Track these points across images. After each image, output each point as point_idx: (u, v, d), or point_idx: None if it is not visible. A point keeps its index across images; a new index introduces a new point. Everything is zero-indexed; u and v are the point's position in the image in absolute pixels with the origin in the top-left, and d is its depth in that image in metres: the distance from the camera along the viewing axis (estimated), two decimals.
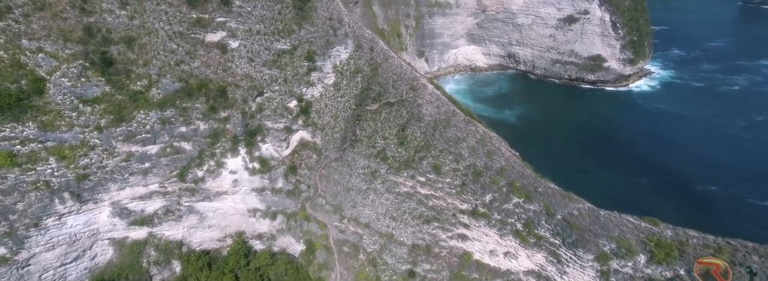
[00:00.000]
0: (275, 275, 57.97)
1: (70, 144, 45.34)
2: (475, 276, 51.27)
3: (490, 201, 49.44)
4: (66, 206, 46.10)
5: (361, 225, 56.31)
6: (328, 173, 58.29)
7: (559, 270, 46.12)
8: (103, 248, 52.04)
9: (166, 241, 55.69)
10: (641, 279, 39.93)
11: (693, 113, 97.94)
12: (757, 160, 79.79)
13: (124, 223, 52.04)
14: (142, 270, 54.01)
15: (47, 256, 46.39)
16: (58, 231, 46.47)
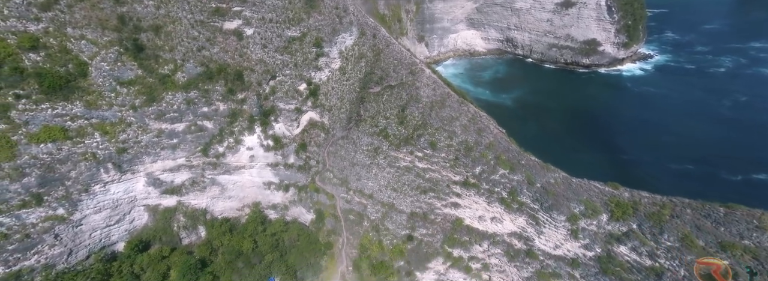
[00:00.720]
0: (289, 240, 66.48)
1: (110, 121, 52.54)
2: (465, 238, 59.71)
3: (479, 173, 57.17)
4: (109, 175, 53.94)
5: (365, 196, 64.23)
6: (335, 150, 65.65)
7: (537, 230, 54.48)
8: (140, 213, 60.42)
9: (193, 209, 64.01)
10: (603, 235, 48.25)
11: (680, 95, 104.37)
12: (735, 139, 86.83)
13: (157, 192, 60.18)
14: (173, 234, 62.62)
15: (95, 218, 54.74)
16: (103, 196, 54.55)
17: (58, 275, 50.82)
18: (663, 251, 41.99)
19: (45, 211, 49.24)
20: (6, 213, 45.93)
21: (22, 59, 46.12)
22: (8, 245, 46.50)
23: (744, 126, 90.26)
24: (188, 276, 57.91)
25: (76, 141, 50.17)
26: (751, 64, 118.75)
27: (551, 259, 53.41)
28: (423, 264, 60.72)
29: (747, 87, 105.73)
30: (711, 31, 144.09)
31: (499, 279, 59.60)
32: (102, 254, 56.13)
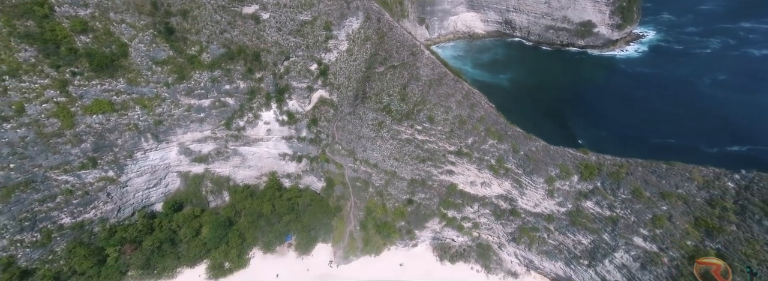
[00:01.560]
0: (303, 204, 76.56)
1: (148, 96, 61.33)
2: (458, 201, 69.66)
3: (471, 143, 66.32)
4: (148, 143, 63.38)
5: (371, 165, 73.69)
6: (343, 125, 74.49)
7: (520, 192, 64.32)
8: (173, 178, 70.35)
9: (218, 176, 73.90)
10: (574, 193, 58.04)
11: (667, 75, 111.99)
12: (713, 114, 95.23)
13: (188, 160, 69.83)
14: (201, 197, 72.81)
15: (138, 181, 64.70)
16: (144, 162, 64.23)
17: (112, 227, 61.35)
18: (619, 202, 51.84)
19: (99, 172, 59.02)
20: (70, 172, 55.69)
21: (75, 41, 54.35)
22: (73, 199, 56.58)
23: (721, 103, 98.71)
24: (218, 232, 68.56)
25: (121, 113, 59.22)
26: (739, 45, 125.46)
27: (531, 216, 63.59)
28: (421, 224, 71.14)
29: (729, 67, 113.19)
30: (705, 11, 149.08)
31: (487, 235, 70.25)
32: (144, 212, 66.56)
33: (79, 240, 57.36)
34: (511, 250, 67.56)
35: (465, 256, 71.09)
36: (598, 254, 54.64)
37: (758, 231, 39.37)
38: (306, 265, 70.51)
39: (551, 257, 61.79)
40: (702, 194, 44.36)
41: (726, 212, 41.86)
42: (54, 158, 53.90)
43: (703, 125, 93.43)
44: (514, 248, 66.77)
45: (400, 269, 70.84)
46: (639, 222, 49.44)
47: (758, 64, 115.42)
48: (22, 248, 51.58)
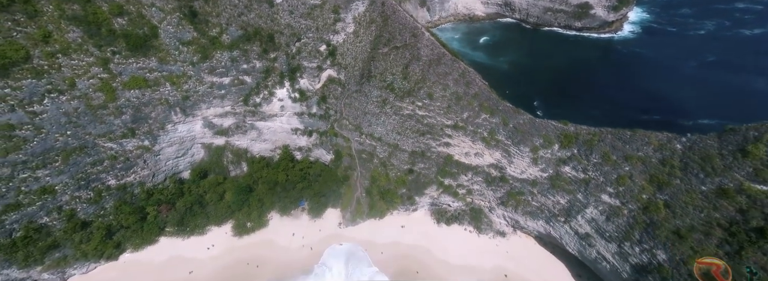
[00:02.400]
0: (314, 174, 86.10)
1: (176, 74, 69.63)
2: (454, 170, 79.11)
3: (466, 117, 74.98)
4: (177, 117, 72.32)
5: (375, 139, 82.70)
6: (349, 102, 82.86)
7: (509, 161, 73.60)
8: (198, 149, 79.73)
9: (237, 148, 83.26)
10: (554, 160, 67.26)
11: (658, 57, 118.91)
12: (694, 93, 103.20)
13: (211, 133, 78.98)
14: (223, 167, 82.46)
15: (168, 150, 74.15)
16: (173, 134, 73.41)
17: (149, 190, 71.34)
18: (591, 166, 61.15)
19: (137, 141, 68.35)
20: (113, 140, 65.02)
21: (113, 23, 62.20)
22: (117, 164, 66.22)
23: (702, 83, 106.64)
24: (240, 196, 78.67)
25: (154, 89, 67.83)
26: (733, 26, 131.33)
27: (518, 182, 73.20)
28: (421, 191, 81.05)
29: (719, 48, 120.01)
30: None
31: (479, 200, 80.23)
32: (174, 178, 76.43)
33: (123, 199, 67.47)
34: (500, 212, 77.71)
35: (459, 219, 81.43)
36: (573, 211, 64.58)
37: (695, 183, 48.65)
38: (318, 227, 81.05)
39: (534, 216, 71.92)
40: (656, 155, 53.44)
41: (673, 169, 51.06)
42: (100, 127, 63.05)
43: (683, 103, 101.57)
44: (503, 210, 76.87)
45: (402, 230, 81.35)
46: (606, 182, 58.95)
47: (747, 45, 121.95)
48: (80, 203, 61.66)
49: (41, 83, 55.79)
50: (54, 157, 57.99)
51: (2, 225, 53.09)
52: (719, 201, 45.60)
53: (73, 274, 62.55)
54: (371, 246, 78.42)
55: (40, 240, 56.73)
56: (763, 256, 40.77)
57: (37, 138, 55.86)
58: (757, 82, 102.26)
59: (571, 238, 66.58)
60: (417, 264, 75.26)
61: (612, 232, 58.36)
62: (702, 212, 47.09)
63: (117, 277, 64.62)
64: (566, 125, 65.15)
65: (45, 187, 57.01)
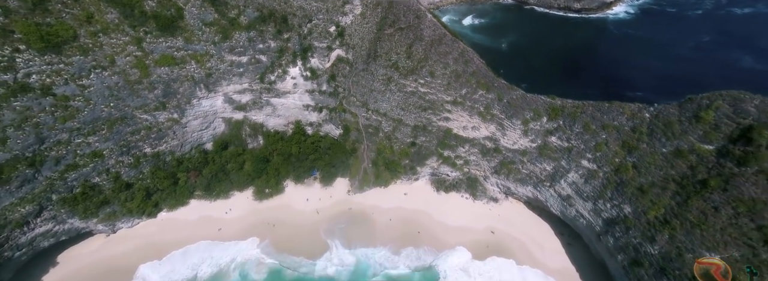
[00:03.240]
0: (324, 146, 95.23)
1: (200, 53, 77.35)
2: (453, 143, 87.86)
3: (464, 94, 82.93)
4: (201, 92, 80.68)
5: (380, 114, 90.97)
6: (357, 80, 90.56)
7: (502, 133, 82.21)
8: (219, 123, 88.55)
9: (254, 122, 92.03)
10: (543, 131, 75.78)
11: (654, 37, 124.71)
12: (689, 72, 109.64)
13: (231, 108, 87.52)
14: (242, 139, 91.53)
15: (194, 123, 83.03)
16: (198, 108, 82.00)
17: (178, 158, 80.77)
18: (574, 135, 69.79)
19: (167, 114, 77.09)
20: (148, 112, 73.79)
21: (144, 5, 69.50)
22: (151, 134, 75.31)
23: (696, 63, 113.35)
24: (258, 166, 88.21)
25: (180, 66, 75.83)
26: (728, 4, 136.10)
27: (510, 152, 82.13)
28: (422, 162, 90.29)
29: (713, 28, 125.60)
30: None
31: (475, 169, 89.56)
32: (199, 149, 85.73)
33: (158, 165, 77.05)
34: (494, 180, 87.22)
35: (457, 187, 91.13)
36: (557, 176, 73.86)
37: (658, 146, 57.26)
38: (329, 193, 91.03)
39: (523, 183, 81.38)
40: (628, 123, 61.82)
41: (641, 135, 59.58)
42: (137, 100, 71.69)
43: (669, 80, 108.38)
44: (496, 178, 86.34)
45: (405, 197, 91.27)
46: (586, 149, 67.78)
47: (737, 24, 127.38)
48: (123, 167, 71.26)
49: (87, 59, 63.98)
50: (101, 126, 67.02)
51: (65, 182, 62.80)
52: (675, 160, 54.39)
53: (121, 227, 72.99)
54: (378, 210, 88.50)
55: (94, 197, 66.65)
56: (704, 202, 49.95)
57: (87, 108, 64.67)
58: (743, 60, 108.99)
59: (554, 200, 76.25)
60: (418, 226, 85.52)
61: (589, 192, 67.82)
62: (661, 170, 56.04)
63: (156, 232, 75.20)
64: (554, 100, 73.30)
65: (95, 151, 66.35)
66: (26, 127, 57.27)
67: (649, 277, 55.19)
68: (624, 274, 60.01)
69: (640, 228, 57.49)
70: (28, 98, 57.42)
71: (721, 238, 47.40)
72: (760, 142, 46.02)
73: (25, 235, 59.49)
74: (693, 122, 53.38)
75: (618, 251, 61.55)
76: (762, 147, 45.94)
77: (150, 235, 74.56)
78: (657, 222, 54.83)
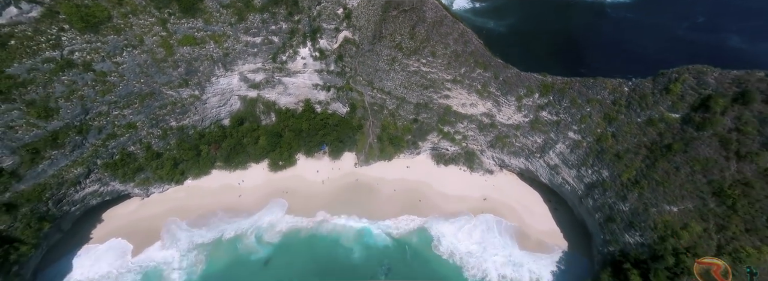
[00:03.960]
0: (332, 123, 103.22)
1: (218, 33, 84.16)
2: (452, 119, 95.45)
3: (464, 72, 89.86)
4: (220, 71, 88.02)
5: (385, 93, 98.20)
6: (363, 60, 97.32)
7: (498, 109, 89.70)
8: (235, 100, 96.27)
9: (267, 100, 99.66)
10: (534, 106, 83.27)
11: (650, 19, 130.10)
12: (680, 52, 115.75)
13: (246, 86, 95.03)
14: (256, 116, 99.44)
15: (213, 100, 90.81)
16: (216, 86, 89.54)
17: (200, 132, 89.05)
18: (562, 110, 77.33)
19: (189, 91, 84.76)
20: (173, 89, 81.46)
21: None
22: (176, 109, 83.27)
23: (689, 43, 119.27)
24: (272, 140, 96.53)
25: (201, 46, 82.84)
26: None
27: (505, 127, 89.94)
28: (424, 137, 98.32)
29: (709, 10, 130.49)
30: None
31: (472, 144, 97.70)
32: (218, 124, 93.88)
33: (182, 138, 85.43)
34: (489, 154, 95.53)
35: (455, 160, 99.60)
36: (546, 148, 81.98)
37: (634, 116, 64.90)
38: (337, 166, 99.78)
39: (516, 155, 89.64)
40: (610, 97, 69.23)
41: (620, 107, 67.09)
42: (163, 77, 79.26)
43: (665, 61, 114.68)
44: (492, 152, 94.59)
45: (407, 170, 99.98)
46: (572, 122, 75.53)
47: (731, 6, 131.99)
48: (153, 138, 79.69)
49: (120, 38, 71.20)
50: (133, 100, 74.95)
51: (107, 149, 71.33)
52: (647, 128, 62.15)
53: (154, 192, 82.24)
54: (382, 182, 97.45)
55: (131, 164, 75.37)
56: (668, 164, 58.04)
57: (121, 84, 72.41)
58: (731, 39, 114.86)
59: (544, 170, 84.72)
60: (420, 195, 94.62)
61: (574, 161, 76.10)
62: (635, 138, 63.92)
63: (184, 197, 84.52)
64: (545, 77, 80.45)
65: (130, 123, 74.55)
66: (73, 99, 65.21)
67: (620, 231, 64.11)
68: (600, 230, 69.03)
69: (615, 189, 65.99)
70: (73, 73, 65.10)
71: (679, 193, 55.73)
72: (715, 109, 53.50)
73: (77, 193, 68.58)
74: (663, 94, 60.70)
75: (596, 210, 70.37)
76: (717, 114, 53.46)
77: (178, 200, 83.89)
78: (629, 183, 63.21)
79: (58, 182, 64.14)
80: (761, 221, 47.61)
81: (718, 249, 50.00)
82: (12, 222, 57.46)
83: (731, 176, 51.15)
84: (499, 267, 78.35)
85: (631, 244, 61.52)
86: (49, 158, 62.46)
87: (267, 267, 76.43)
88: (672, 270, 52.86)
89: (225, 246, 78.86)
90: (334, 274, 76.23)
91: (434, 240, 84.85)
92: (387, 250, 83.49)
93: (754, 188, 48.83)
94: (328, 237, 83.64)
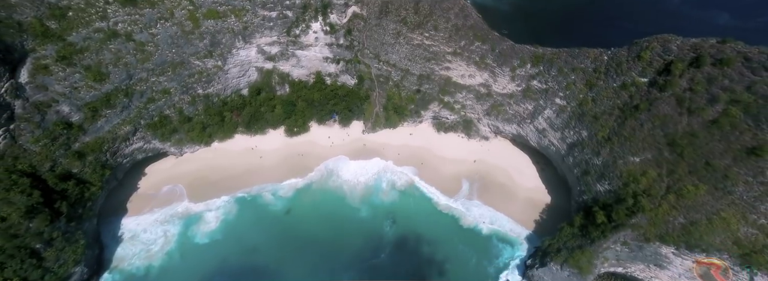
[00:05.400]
0: (341, 94, 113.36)
1: (238, 8, 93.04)
2: (452, 90, 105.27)
3: (463, 45, 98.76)
4: (240, 43, 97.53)
5: (390, 65, 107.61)
6: (370, 34, 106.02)
7: (494, 80, 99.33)
8: (252, 72, 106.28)
9: (282, 72, 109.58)
10: (527, 76, 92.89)
11: None
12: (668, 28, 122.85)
13: (262, 58, 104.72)
14: (272, 87, 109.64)
15: (233, 70, 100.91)
16: (237, 57, 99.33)
17: (223, 99, 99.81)
18: (550, 78, 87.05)
19: (213, 61, 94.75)
20: (199, 59, 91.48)
21: None
22: (202, 78, 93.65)
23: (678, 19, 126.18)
24: (287, 109, 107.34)
25: (223, 20, 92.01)
26: None
27: (500, 96, 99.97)
28: (426, 106, 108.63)
29: None
30: None
31: (470, 113, 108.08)
32: (238, 93, 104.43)
33: (208, 104, 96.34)
34: (486, 121, 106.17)
35: (454, 128, 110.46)
36: (536, 113, 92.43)
37: (610, 82, 74.82)
38: (347, 133, 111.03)
39: (510, 122, 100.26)
40: (592, 65, 78.79)
41: (600, 74, 76.78)
42: (191, 48, 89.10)
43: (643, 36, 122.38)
44: (488, 119, 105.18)
45: (410, 137, 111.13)
46: (559, 89, 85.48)
47: None
48: (184, 104, 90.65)
49: (154, 11, 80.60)
50: (167, 68, 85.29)
51: (148, 111, 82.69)
52: (620, 92, 72.20)
53: (186, 151, 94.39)
54: (387, 147, 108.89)
55: (167, 125, 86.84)
56: (635, 121, 68.58)
57: (157, 53, 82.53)
58: (721, 17, 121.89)
59: (533, 134, 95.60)
60: (421, 158, 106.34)
61: (559, 124, 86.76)
62: (610, 101, 74.12)
63: (213, 157, 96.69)
64: (537, 48, 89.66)
65: (164, 89, 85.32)
66: (119, 65, 75.62)
67: (593, 182, 75.65)
68: (577, 183, 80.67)
69: (592, 146, 76.99)
70: (118, 42, 75.16)
71: (641, 145, 66.46)
72: (675, 73, 63.11)
73: (127, 148, 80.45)
74: (635, 61, 70.19)
75: (575, 166, 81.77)
76: (676, 76, 63.14)
77: (207, 159, 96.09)
78: (603, 140, 74.03)
79: (112, 137, 75.71)
80: (701, 164, 58.43)
81: (667, 189, 61.38)
82: (82, 167, 69.56)
83: (682, 128, 61.54)
84: (487, 218, 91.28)
85: (601, 192, 73.16)
86: (104, 116, 73.80)
87: (289, 215, 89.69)
88: (630, 209, 64.59)
89: (250, 199, 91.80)
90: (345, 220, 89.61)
91: (434, 197, 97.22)
92: (393, 205, 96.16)
93: (698, 138, 59.35)
94: (335, 192, 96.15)
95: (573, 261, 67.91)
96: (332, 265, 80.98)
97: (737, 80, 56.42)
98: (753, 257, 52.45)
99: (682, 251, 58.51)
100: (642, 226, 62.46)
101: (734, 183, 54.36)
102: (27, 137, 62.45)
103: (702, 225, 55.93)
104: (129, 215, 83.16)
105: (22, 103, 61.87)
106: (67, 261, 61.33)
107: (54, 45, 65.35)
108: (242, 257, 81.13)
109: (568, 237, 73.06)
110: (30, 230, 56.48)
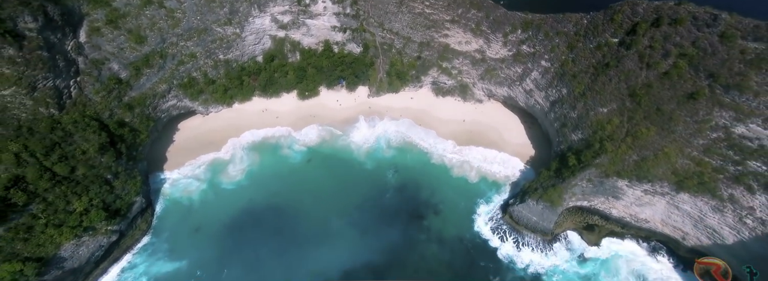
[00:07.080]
0: (347, 61, 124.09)
1: None
2: (450, 56, 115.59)
3: (460, 13, 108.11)
4: (256, 12, 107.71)
5: (393, 33, 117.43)
6: (375, 3, 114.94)
7: (488, 46, 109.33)
8: (266, 39, 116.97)
9: (293, 40, 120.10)
10: (517, 41, 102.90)
11: None
12: None
13: (275, 26, 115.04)
14: (284, 54, 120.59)
15: (250, 37, 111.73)
16: (252, 25, 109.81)
17: (241, 65, 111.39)
18: (538, 42, 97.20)
19: (232, 29, 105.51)
20: (220, 26, 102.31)
21: None
22: (223, 44, 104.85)
23: None
24: (298, 74, 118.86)
25: None
26: None
27: (493, 61, 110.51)
28: (426, 72, 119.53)
29: None
30: None
31: (467, 78, 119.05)
32: (253, 60, 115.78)
33: (228, 69, 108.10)
34: (480, 85, 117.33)
35: (452, 92, 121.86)
36: (524, 76, 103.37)
37: (587, 43, 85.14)
38: (353, 97, 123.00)
39: (501, 85, 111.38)
40: (573, 29, 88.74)
41: (580, 37, 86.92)
42: (213, 16, 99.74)
43: None
44: (482, 84, 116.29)
45: (411, 100, 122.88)
46: (545, 52, 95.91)
47: None
48: (208, 67, 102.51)
49: None
50: (193, 34, 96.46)
51: (179, 72, 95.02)
52: (595, 52, 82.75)
53: (211, 111, 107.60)
54: (391, 109, 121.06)
55: (195, 86, 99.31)
56: (605, 77, 79.75)
57: (185, 19, 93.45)
58: None
59: (521, 95, 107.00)
60: (421, 119, 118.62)
61: (543, 84, 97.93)
62: (587, 60, 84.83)
63: (235, 117, 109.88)
64: (527, 15, 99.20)
65: (191, 53, 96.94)
66: (154, 30, 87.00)
67: (569, 132, 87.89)
68: (556, 135, 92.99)
69: (570, 102, 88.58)
70: (152, 9, 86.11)
71: (609, 98, 77.97)
72: (639, 32, 73.32)
73: (164, 104, 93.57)
74: (609, 23, 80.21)
75: (555, 121, 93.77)
76: (640, 35, 73.41)
77: (230, 119, 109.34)
78: (578, 95, 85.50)
79: (153, 93, 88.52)
80: (653, 110, 70.08)
81: (626, 133, 73.51)
82: (132, 117, 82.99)
83: (641, 81, 72.66)
84: (476, 168, 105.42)
85: (575, 140, 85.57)
86: (145, 75, 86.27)
87: (309, 164, 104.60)
88: (596, 152, 77.15)
89: (270, 150, 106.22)
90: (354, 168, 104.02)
91: (430, 152, 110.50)
92: (394, 159, 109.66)
93: (653, 88, 70.61)
94: (345, 148, 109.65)
95: (547, 196, 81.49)
96: (344, 205, 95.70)
97: (686, 36, 66.73)
98: (685, 182, 65.17)
99: (634, 183, 71.42)
100: (604, 165, 75.28)
101: (676, 123, 66.15)
102: (89, 88, 75.31)
103: (650, 160, 68.40)
104: (168, 162, 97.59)
105: (84, 59, 74.20)
106: (130, 191, 76.38)
107: (103, 9, 76.64)
108: (266, 199, 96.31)
109: (545, 178, 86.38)
110: (102, 163, 70.93)
